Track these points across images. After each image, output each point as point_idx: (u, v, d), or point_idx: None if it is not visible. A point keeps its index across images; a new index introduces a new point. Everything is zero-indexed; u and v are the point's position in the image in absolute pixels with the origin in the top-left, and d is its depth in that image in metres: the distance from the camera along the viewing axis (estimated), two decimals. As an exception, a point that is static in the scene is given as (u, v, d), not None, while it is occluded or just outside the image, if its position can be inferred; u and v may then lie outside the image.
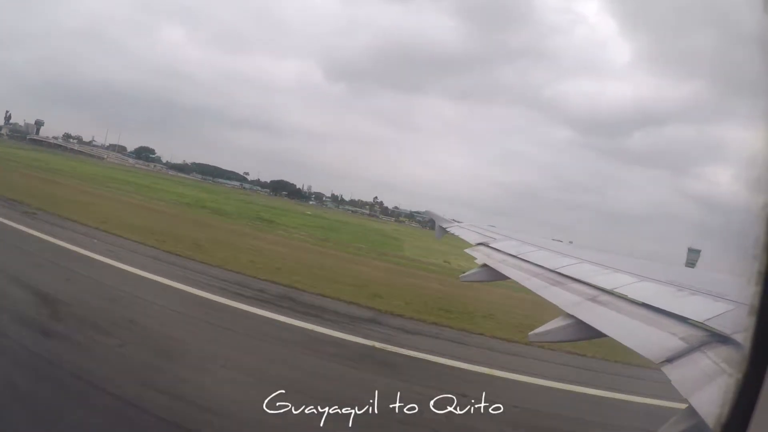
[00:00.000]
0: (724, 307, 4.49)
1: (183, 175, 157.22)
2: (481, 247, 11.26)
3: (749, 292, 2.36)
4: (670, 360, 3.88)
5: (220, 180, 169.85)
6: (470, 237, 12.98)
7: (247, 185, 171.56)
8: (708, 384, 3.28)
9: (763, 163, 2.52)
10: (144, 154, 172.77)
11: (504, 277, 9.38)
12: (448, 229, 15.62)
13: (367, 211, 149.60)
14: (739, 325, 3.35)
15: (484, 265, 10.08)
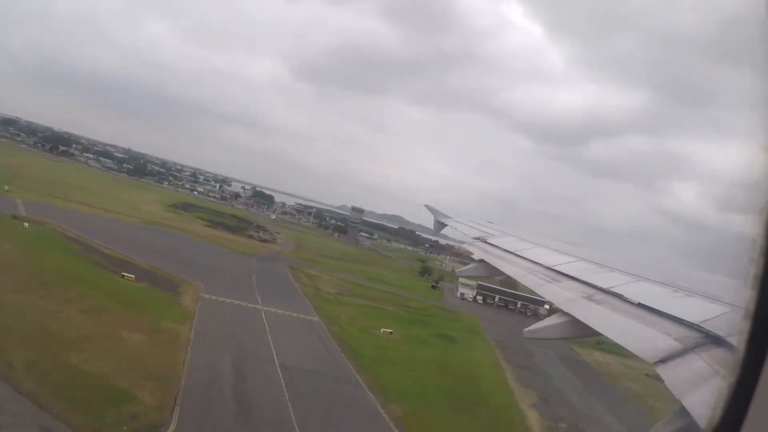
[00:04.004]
0: (719, 309, 4.51)
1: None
2: (479, 243, 11.25)
3: (745, 296, 2.36)
4: (663, 360, 3.89)
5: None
6: (468, 232, 12.96)
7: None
8: (701, 386, 3.29)
9: (751, 174, 2.52)
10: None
11: (500, 273, 9.39)
12: (446, 224, 15.59)
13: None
14: (734, 328, 3.36)
15: (481, 261, 10.08)
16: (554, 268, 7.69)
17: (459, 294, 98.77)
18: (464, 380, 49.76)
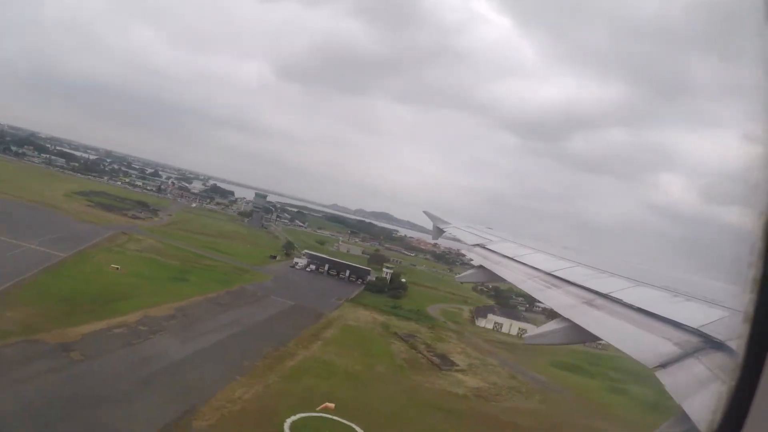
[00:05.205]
0: (719, 313, 4.52)
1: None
2: (478, 249, 11.26)
3: (744, 299, 2.37)
4: (663, 365, 3.89)
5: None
6: (467, 238, 12.97)
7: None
8: (701, 390, 3.30)
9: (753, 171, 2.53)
10: None
11: (500, 279, 9.39)
12: (445, 230, 15.59)
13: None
14: (734, 332, 3.37)
15: (481, 267, 10.10)
16: (554, 273, 7.70)
17: (293, 263, 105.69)
18: (111, 295, 56.27)
